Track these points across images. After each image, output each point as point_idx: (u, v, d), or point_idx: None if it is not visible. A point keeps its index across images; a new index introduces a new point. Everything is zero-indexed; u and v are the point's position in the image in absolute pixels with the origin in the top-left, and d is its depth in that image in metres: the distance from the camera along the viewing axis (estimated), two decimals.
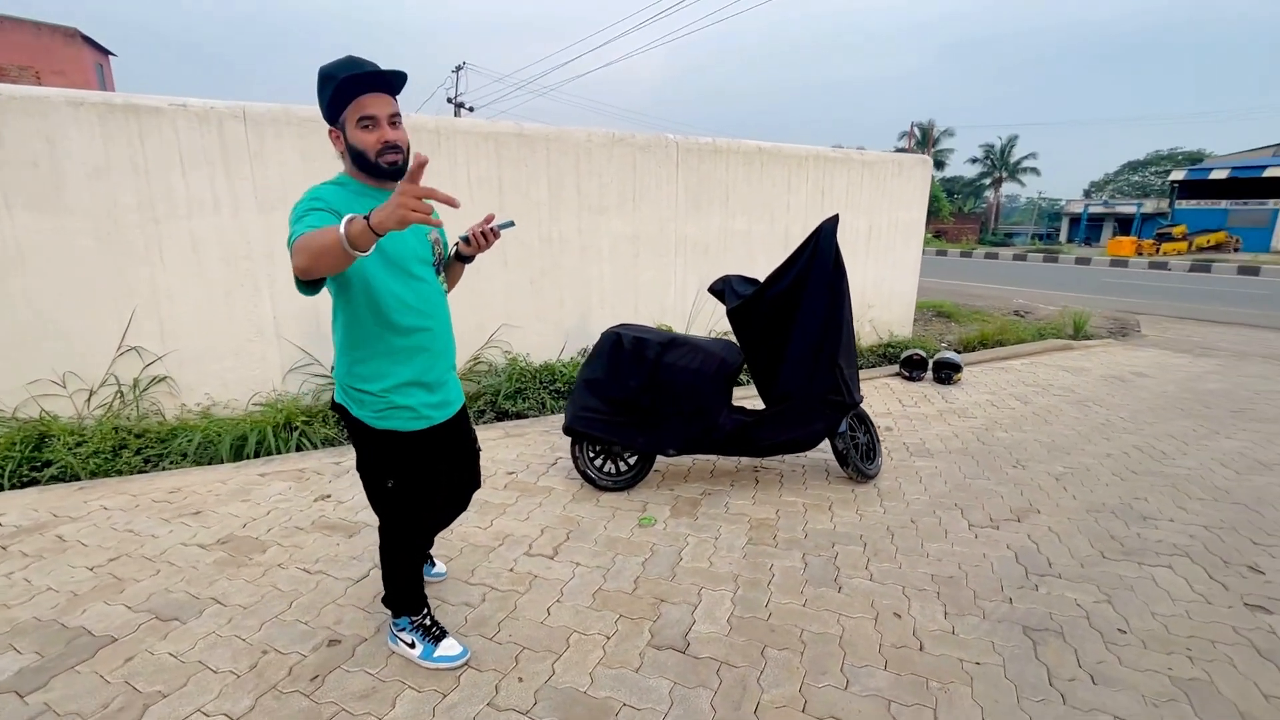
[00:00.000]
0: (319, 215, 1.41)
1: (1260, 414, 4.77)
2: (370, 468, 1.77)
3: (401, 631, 1.94)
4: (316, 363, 4.56)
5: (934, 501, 3.12)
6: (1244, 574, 2.52)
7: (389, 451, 1.71)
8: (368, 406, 1.65)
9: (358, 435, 1.72)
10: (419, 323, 1.67)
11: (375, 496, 1.83)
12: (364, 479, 1.81)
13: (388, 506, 1.81)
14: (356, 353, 1.63)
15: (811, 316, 3.06)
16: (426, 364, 1.71)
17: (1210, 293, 13.42)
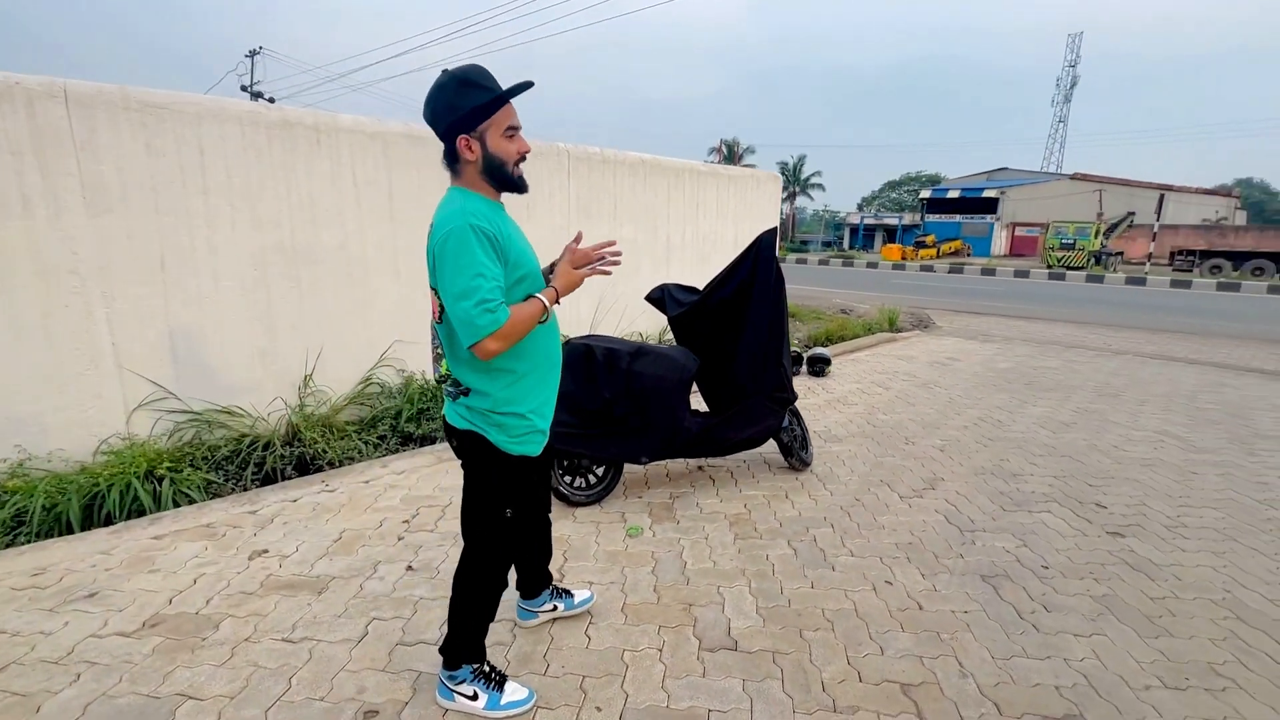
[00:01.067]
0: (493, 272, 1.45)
1: (1043, 385, 6.07)
2: (491, 497, 1.70)
3: (460, 685, 1.77)
4: (171, 396, 3.81)
5: (865, 481, 3.54)
6: (1096, 509, 3.25)
7: (517, 477, 1.69)
8: (508, 430, 1.61)
9: (486, 463, 1.65)
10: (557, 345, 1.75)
11: (483, 527, 1.73)
12: (477, 508, 1.72)
13: (496, 537, 1.74)
14: (504, 380, 1.59)
15: (758, 320, 3.30)
16: (554, 385, 1.76)
17: (968, 290, 16.58)
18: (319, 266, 4.29)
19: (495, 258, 1.47)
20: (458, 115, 1.48)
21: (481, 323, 1.41)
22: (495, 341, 1.43)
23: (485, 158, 1.52)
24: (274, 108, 4.03)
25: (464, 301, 1.41)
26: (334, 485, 3.23)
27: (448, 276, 1.45)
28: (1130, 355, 7.83)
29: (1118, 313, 12.45)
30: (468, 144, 1.50)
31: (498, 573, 1.78)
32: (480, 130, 1.50)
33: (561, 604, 2.19)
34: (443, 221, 1.48)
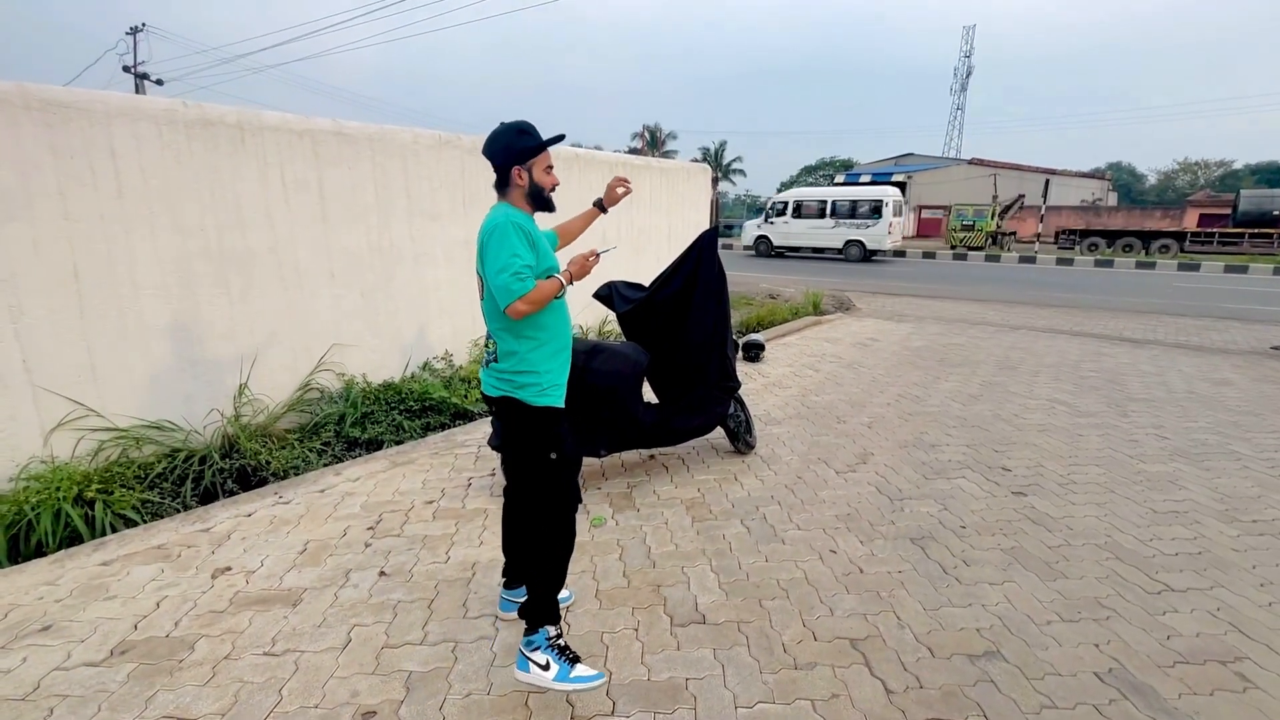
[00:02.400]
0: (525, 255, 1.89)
1: (952, 361, 6.65)
2: (534, 445, 2.02)
3: (535, 651, 1.96)
4: (93, 413, 3.61)
5: (804, 460, 3.83)
6: (1002, 473, 3.68)
7: (549, 425, 2.02)
8: (531, 389, 1.97)
9: (520, 419, 2.00)
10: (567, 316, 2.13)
11: (538, 474, 2.05)
12: (526, 460, 2.07)
13: (551, 480, 2.04)
14: (528, 344, 1.97)
15: (704, 315, 3.50)
16: (567, 351, 2.12)
17: (881, 272, 17.60)
18: (249, 271, 4.13)
19: (529, 246, 1.91)
20: (514, 153, 1.98)
21: (515, 287, 1.83)
22: (524, 304, 1.84)
23: (531, 184, 2.02)
24: (192, 105, 3.83)
25: (504, 273, 1.83)
26: (287, 496, 3.18)
27: (491, 256, 1.88)
28: (1025, 330, 8.66)
29: (1013, 290, 13.62)
30: (520, 174, 2.00)
31: (566, 519, 2.06)
32: (529, 164, 2.00)
33: None
34: (491, 220, 1.95)
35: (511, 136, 1.99)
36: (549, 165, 2.07)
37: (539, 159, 2.03)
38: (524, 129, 2.02)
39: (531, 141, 2.00)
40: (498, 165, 2.01)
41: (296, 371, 4.48)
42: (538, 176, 2.03)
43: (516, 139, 1.99)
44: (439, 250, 5.28)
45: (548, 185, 2.07)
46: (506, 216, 1.92)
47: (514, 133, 2.00)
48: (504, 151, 1.99)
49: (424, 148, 4.99)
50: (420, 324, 5.27)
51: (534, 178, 2.02)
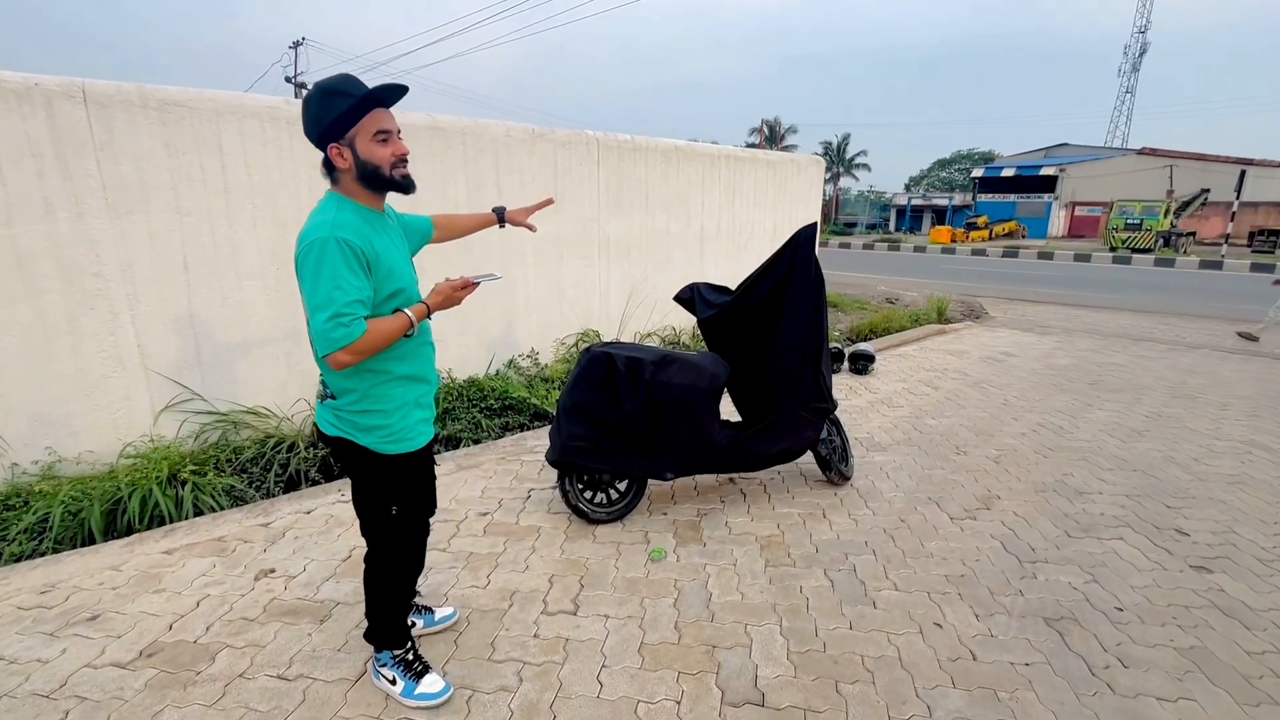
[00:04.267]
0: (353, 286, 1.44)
1: (1109, 385, 5.59)
2: (373, 497, 1.76)
3: (384, 667, 1.88)
4: (198, 397, 3.79)
5: (910, 497, 3.26)
6: (1176, 538, 2.90)
7: (395, 476, 1.71)
8: (377, 433, 1.63)
9: (361, 464, 1.68)
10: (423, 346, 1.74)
11: (375, 526, 1.80)
12: (364, 510, 1.80)
13: (388, 535, 1.80)
14: (372, 379, 1.61)
15: (794, 324, 3.04)
16: (426, 385, 1.76)
17: (1023, 275, 15.71)
18: None
19: (360, 271, 1.46)
20: (324, 125, 1.49)
21: (335, 335, 1.42)
22: (347, 355, 1.45)
23: (357, 164, 1.52)
24: (294, 102, 3.93)
25: (319, 314, 1.42)
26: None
27: (306, 288, 1.46)
28: (1208, 350, 7.20)
29: (1191, 300, 11.56)
30: (339, 151, 1.52)
31: (401, 566, 1.84)
32: (349, 137, 1.50)
33: (421, 620, 2.13)
34: (308, 232, 1.48)
35: (316, 103, 1.47)
36: (382, 131, 1.51)
37: (362, 125, 1.49)
38: (330, 89, 1.47)
39: (342, 105, 1.45)
40: (315, 143, 1.53)
41: None
42: (364, 150, 1.50)
43: (321, 105, 1.46)
44: (528, 246, 5.17)
45: (384, 160, 1.52)
46: (330, 227, 1.44)
47: (319, 97, 1.47)
48: (313, 125, 1.49)
49: (516, 141, 4.88)
50: (507, 321, 5.19)
51: (359, 153, 1.50)
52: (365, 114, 1.49)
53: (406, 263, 1.69)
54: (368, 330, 1.45)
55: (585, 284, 5.64)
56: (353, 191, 1.56)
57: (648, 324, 6.09)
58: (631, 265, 5.94)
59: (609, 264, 5.78)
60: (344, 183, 1.56)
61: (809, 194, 7.69)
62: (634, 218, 5.89)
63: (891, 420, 4.50)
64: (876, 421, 4.47)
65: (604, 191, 5.59)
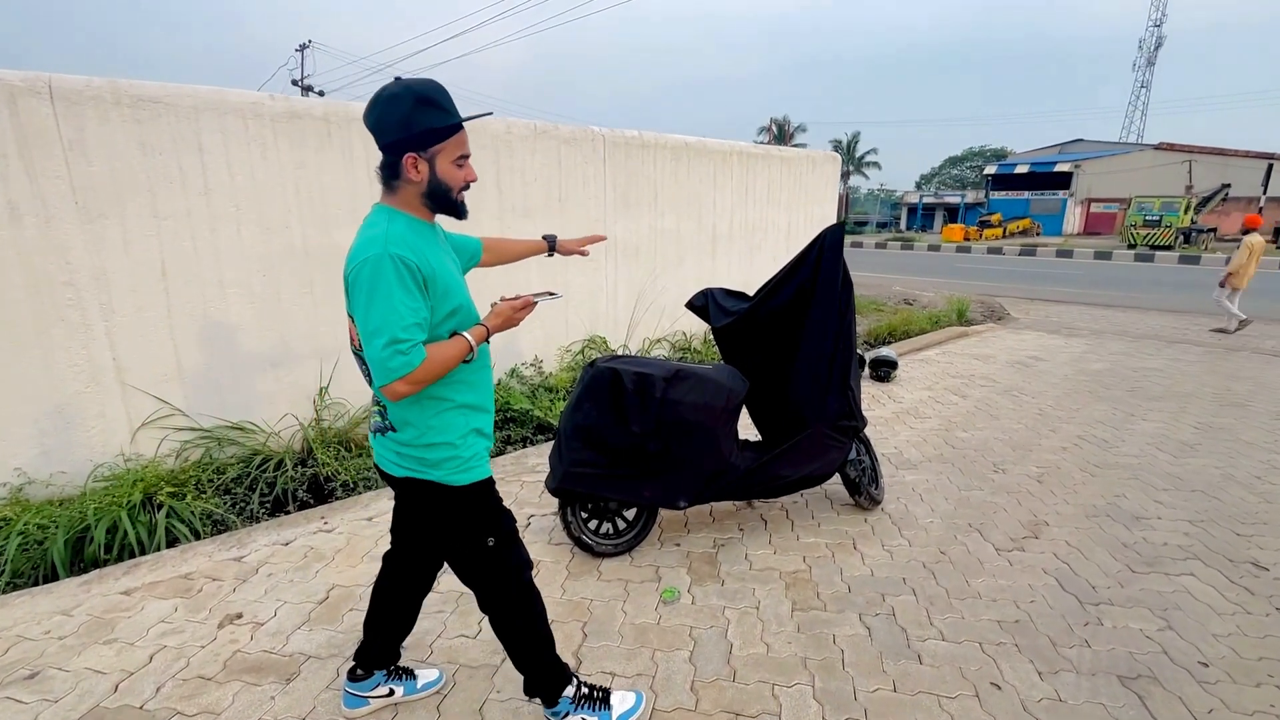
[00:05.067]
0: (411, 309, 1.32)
1: (1149, 392, 5.24)
2: (463, 535, 1.57)
3: (569, 717, 1.68)
4: (179, 412, 3.55)
5: (948, 524, 2.95)
6: (1254, 573, 2.58)
7: (475, 505, 1.56)
8: (445, 465, 1.48)
9: (437, 503, 1.53)
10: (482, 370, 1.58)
11: (478, 568, 1.61)
12: (459, 555, 1.61)
13: (496, 571, 1.60)
14: (434, 408, 1.46)
15: (821, 335, 2.75)
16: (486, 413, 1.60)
17: (1042, 274, 15.28)
18: (332, 269, 3.95)
19: (417, 291, 1.33)
20: (410, 133, 1.36)
21: (393, 365, 1.29)
22: (405, 385, 1.32)
23: (431, 181, 1.41)
24: (279, 98, 3.68)
25: (376, 340, 1.30)
26: (332, 523, 2.88)
27: (360, 311, 1.33)
28: (1248, 352, 6.82)
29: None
30: (415, 164, 1.38)
31: (523, 600, 1.64)
32: (431, 152, 1.39)
33: (401, 688, 1.86)
34: (361, 247, 1.34)
35: (408, 106, 1.34)
36: (464, 155, 1.43)
37: (449, 144, 1.40)
38: (426, 97, 1.35)
39: (438, 120, 1.36)
40: (384, 144, 1.38)
41: None
42: (443, 170, 1.40)
43: (416, 111, 1.34)
44: None
45: (457, 183, 1.44)
46: (385, 242, 1.31)
47: (412, 102, 1.34)
48: (398, 126, 1.35)
49: (517, 139, 4.62)
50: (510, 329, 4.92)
51: (436, 171, 1.39)
52: (454, 134, 1.41)
53: (461, 278, 1.55)
54: (427, 358, 1.33)
55: (591, 288, 5.37)
56: (410, 205, 1.43)
57: (657, 329, 5.80)
58: (639, 267, 5.66)
59: (616, 266, 5.51)
60: (404, 195, 1.42)
61: (825, 192, 7.38)
62: (642, 218, 5.61)
63: (920, 433, 4.19)
64: (904, 435, 4.16)
65: (610, 190, 5.31)
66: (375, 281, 1.29)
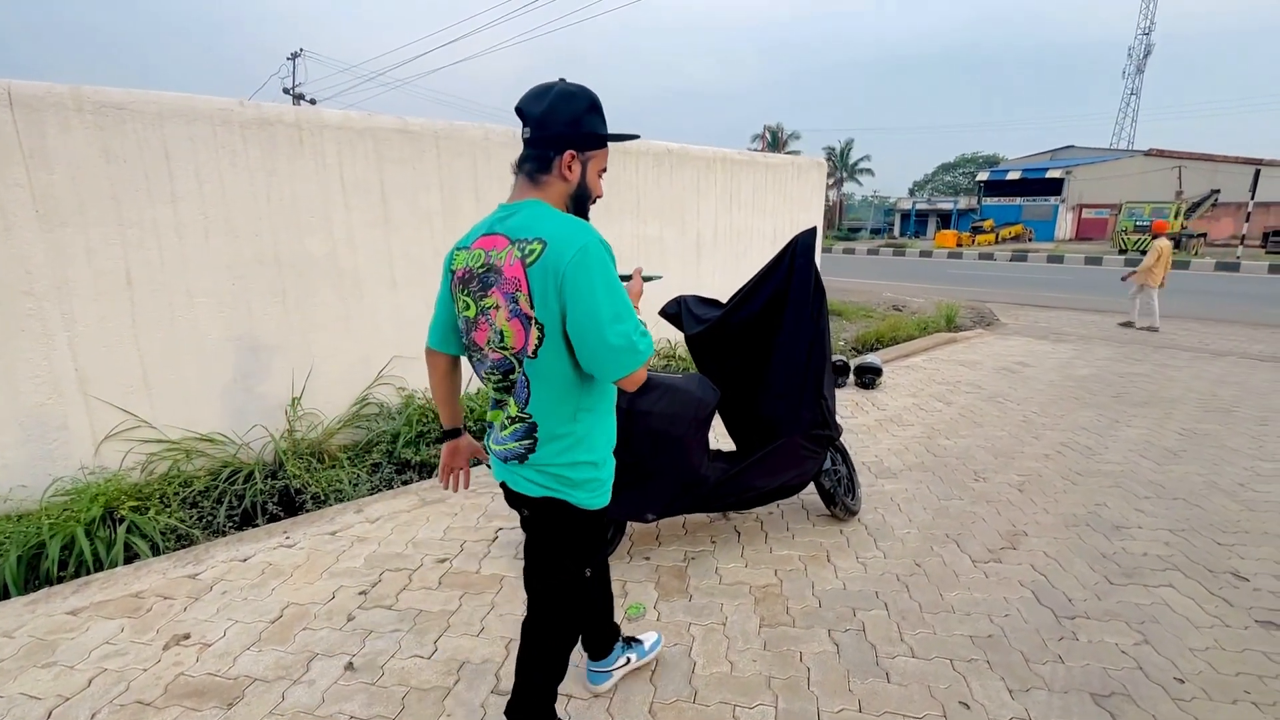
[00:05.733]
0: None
1: (1134, 397, 5.21)
2: (574, 559, 1.54)
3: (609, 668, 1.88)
4: (145, 424, 3.48)
5: (925, 535, 2.90)
6: (1234, 583, 2.52)
7: (597, 533, 1.56)
8: (588, 486, 1.44)
9: (568, 525, 1.47)
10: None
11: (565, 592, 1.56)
12: (559, 575, 1.55)
13: (578, 599, 1.59)
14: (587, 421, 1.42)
15: (793, 343, 2.70)
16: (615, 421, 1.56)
17: (1033, 280, 15.32)
18: (305, 278, 3.90)
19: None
20: (578, 131, 1.36)
21: (643, 346, 1.29)
22: (646, 367, 1.32)
23: (580, 184, 1.41)
24: (249, 104, 3.63)
25: (623, 324, 1.26)
26: (295, 537, 2.80)
27: (599, 298, 1.24)
28: (1235, 357, 6.80)
29: (1210, 304, 11.15)
30: (571, 162, 1.36)
31: (575, 635, 1.64)
32: (587, 156, 1.40)
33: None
34: (570, 233, 1.26)
35: (583, 106, 1.36)
36: (604, 169, 1.48)
37: (601, 154, 1.44)
38: (599, 104, 1.40)
39: (602, 128, 1.40)
40: (549, 135, 1.34)
41: (353, 385, 4.21)
42: (591, 177, 1.43)
43: (589, 113, 1.37)
44: None
45: (596, 192, 1.46)
46: (587, 230, 1.29)
47: (588, 102, 1.37)
48: (568, 122, 1.34)
49: (496, 145, 4.58)
50: None
51: (586, 176, 1.41)
52: (605, 145, 1.44)
53: None
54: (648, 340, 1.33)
55: None
56: (557, 204, 1.39)
57: None
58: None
59: None
60: (550, 192, 1.38)
61: (810, 198, 7.35)
62: (624, 224, 5.57)
63: (902, 441, 4.13)
64: (886, 443, 4.10)
65: None
66: (604, 266, 1.26)
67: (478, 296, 1.33)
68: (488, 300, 1.31)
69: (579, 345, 1.27)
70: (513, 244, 1.29)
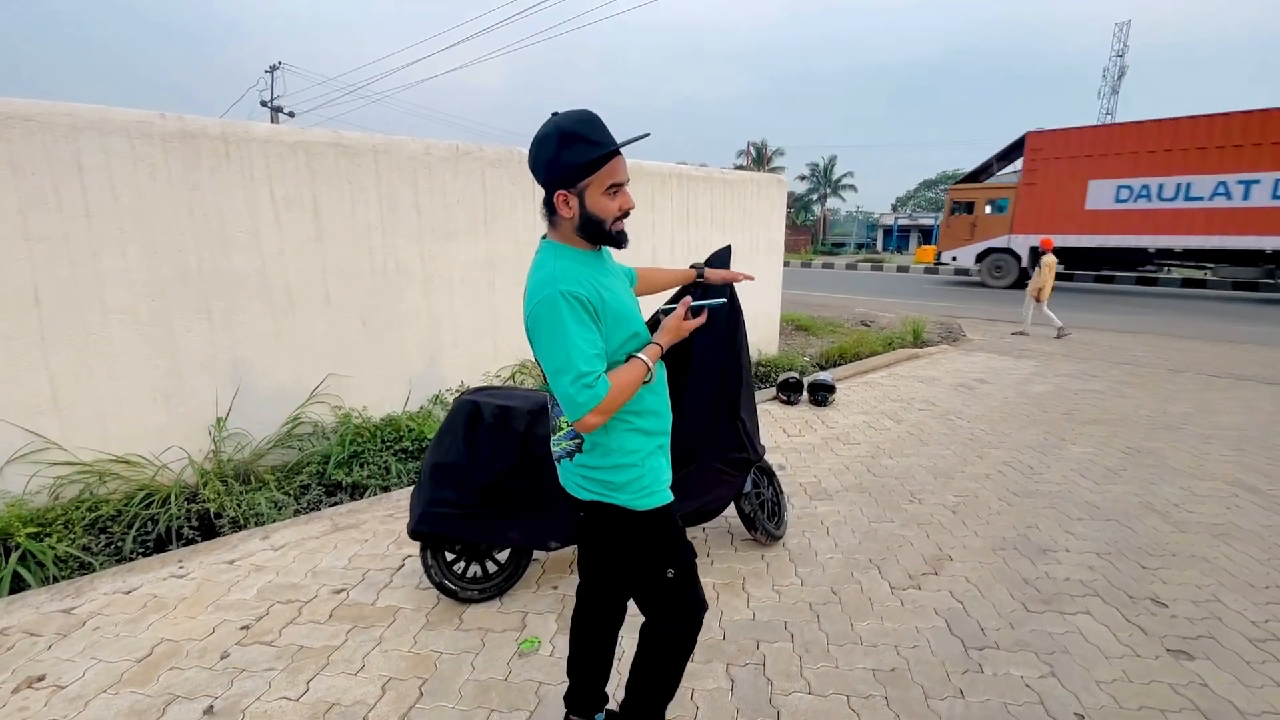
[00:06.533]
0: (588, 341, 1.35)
1: (1085, 415, 5.20)
2: (644, 564, 1.55)
3: None
4: (54, 445, 3.35)
5: (848, 560, 2.82)
6: (1152, 610, 2.47)
7: (657, 533, 1.54)
8: (629, 489, 1.48)
9: (620, 528, 1.51)
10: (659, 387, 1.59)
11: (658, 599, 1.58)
12: (640, 584, 1.58)
13: (676, 604, 1.58)
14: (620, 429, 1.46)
15: (706, 365, 2.63)
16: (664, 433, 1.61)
17: (1006, 295, 15.44)
18: (232, 295, 3.79)
19: (591, 323, 1.36)
20: (557, 171, 1.37)
21: (581, 400, 1.32)
22: (595, 416, 1.34)
23: (582, 215, 1.40)
24: (171, 117, 3.55)
25: (562, 377, 1.33)
26: (190, 567, 2.68)
27: (544, 350, 1.37)
28: (1191, 373, 6.85)
29: (1176, 319, 11.27)
30: (565, 200, 1.39)
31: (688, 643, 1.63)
32: (580, 187, 1.38)
33: None
34: (535, 289, 1.38)
35: (555, 145, 1.35)
36: (615, 184, 1.40)
37: (598, 176, 1.37)
38: (572, 133, 1.36)
39: (583, 154, 1.35)
40: (542, 182, 1.41)
41: (286, 404, 4.09)
42: (593, 203, 1.39)
43: (561, 149, 1.35)
44: (455, 272, 4.78)
45: (610, 214, 1.41)
46: (554, 281, 1.34)
47: (558, 139, 1.35)
48: (545, 168, 1.38)
49: (438, 160, 4.52)
50: (431, 354, 4.77)
51: (586, 205, 1.39)
52: (603, 165, 1.38)
53: (634, 303, 1.56)
54: (612, 386, 1.35)
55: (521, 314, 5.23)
56: (570, 239, 1.45)
57: None
58: None
59: None
60: (563, 230, 1.45)
61: (770, 215, 7.35)
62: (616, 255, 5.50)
63: (844, 461, 4.08)
64: (827, 462, 4.04)
65: (541, 212, 5.21)
66: (552, 321, 1.32)
67: None
68: None
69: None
70: None
